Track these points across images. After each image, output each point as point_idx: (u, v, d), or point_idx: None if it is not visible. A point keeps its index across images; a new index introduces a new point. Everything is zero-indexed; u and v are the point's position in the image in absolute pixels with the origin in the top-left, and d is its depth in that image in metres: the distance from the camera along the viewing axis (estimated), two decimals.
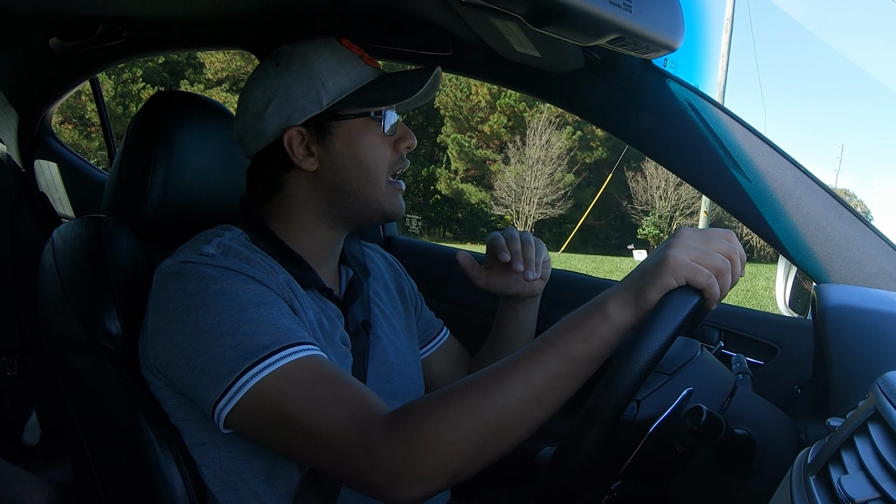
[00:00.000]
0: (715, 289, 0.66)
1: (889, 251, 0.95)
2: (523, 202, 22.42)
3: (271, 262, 0.84)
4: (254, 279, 0.77)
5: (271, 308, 0.75)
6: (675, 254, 0.66)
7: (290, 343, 0.72)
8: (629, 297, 0.68)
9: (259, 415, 0.70)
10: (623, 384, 0.63)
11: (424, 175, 24.04)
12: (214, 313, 0.72)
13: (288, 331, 0.74)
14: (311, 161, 0.88)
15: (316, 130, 0.88)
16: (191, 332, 0.73)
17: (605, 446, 0.71)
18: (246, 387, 0.69)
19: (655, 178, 22.53)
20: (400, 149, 0.92)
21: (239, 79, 20.19)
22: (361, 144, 0.88)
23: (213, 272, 0.76)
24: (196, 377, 0.72)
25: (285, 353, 0.71)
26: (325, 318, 0.87)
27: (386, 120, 0.89)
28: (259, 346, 0.71)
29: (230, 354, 0.70)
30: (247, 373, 0.70)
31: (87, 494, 0.89)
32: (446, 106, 23.47)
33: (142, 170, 0.96)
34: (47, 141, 2.04)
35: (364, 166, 0.88)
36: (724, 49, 15.91)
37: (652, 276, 0.66)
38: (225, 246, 0.81)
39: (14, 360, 1.66)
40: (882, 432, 0.49)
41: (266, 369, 0.70)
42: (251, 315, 0.73)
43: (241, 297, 0.74)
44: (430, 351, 1.13)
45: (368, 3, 1.11)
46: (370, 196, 0.90)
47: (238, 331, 0.71)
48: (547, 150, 22.33)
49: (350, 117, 0.88)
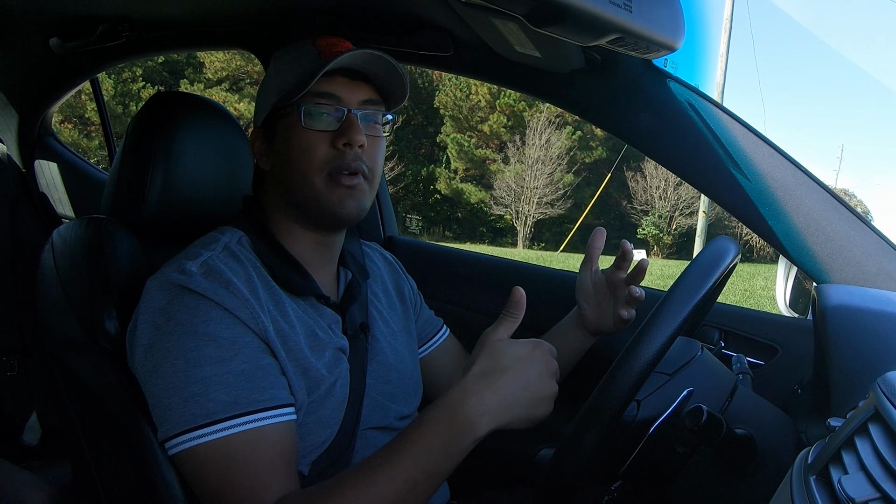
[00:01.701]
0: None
1: (889, 251, 0.95)
2: (523, 202, 22.41)
3: (261, 273, 0.84)
4: (227, 312, 0.77)
5: (229, 364, 0.75)
6: (547, 387, 0.75)
7: (230, 415, 0.74)
8: (504, 422, 0.71)
9: (186, 470, 0.76)
10: (623, 384, 0.63)
11: (424, 175, 24.03)
12: (171, 362, 0.75)
13: (236, 395, 0.75)
14: (265, 160, 0.91)
15: (267, 130, 0.90)
16: (150, 370, 0.76)
17: (605, 446, 0.71)
18: (180, 447, 0.74)
19: (655, 178, 22.51)
20: (338, 145, 0.84)
21: (239, 78, 20.18)
22: (289, 141, 0.86)
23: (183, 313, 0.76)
24: (151, 407, 0.77)
25: (222, 426, 0.73)
26: (318, 329, 0.87)
27: (304, 114, 0.84)
28: (202, 412, 0.73)
29: (175, 410, 0.74)
30: (184, 434, 0.73)
31: (87, 494, 0.89)
32: (446, 105, 23.45)
33: (141, 170, 0.96)
34: (47, 141, 2.04)
35: (293, 162, 0.86)
36: (723, 49, 15.90)
37: (536, 411, 0.73)
38: (209, 265, 0.80)
39: (14, 360, 1.66)
40: (882, 432, 0.49)
41: (200, 438, 0.73)
42: (204, 373, 0.74)
43: (199, 349, 0.75)
44: (430, 349, 1.13)
45: (368, 3, 1.11)
46: (306, 194, 0.86)
47: (187, 389, 0.74)
48: (547, 150, 22.32)
49: (284, 115, 0.87)
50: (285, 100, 0.85)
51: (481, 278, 1.48)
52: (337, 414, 0.85)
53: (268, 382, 0.77)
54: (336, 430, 0.85)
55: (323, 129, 0.85)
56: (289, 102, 0.85)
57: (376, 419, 0.92)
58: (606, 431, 0.67)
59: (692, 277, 0.74)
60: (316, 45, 0.87)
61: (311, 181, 0.85)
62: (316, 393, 0.83)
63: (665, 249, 22.76)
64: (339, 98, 0.86)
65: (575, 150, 23.02)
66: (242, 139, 1.06)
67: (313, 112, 0.85)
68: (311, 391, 0.82)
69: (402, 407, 0.96)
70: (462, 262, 1.55)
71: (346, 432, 0.86)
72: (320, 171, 0.85)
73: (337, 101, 0.86)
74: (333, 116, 0.85)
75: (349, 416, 0.87)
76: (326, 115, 0.85)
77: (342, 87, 0.86)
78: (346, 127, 0.85)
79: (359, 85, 0.88)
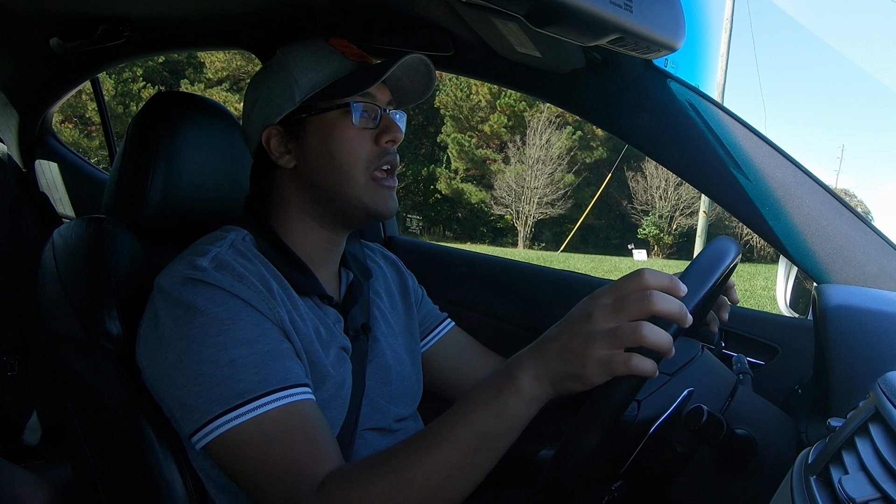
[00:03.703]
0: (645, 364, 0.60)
1: (889, 251, 0.95)
2: (523, 202, 22.42)
3: (270, 270, 0.84)
4: (244, 302, 0.77)
5: (254, 346, 0.75)
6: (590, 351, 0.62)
7: (262, 392, 0.73)
8: (543, 374, 0.65)
9: (222, 457, 0.74)
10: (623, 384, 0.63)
11: (424, 174, 24.04)
12: (196, 349, 0.74)
13: (266, 374, 0.74)
14: (288, 158, 0.90)
15: (291, 127, 0.89)
16: (173, 362, 0.75)
17: (605, 446, 0.71)
18: (214, 433, 0.72)
19: (655, 178, 22.53)
20: (381, 142, 0.88)
21: (239, 78, 20.19)
22: (333, 138, 0.87)
23: (201, 301, 0.76)
24: (174, 405, 0.75)
25: (256, 405, 0.72)
26: (322, 327, 0.87)
27: (354, 111, 0.87)
28: (233, 393, 0.72)
29: (205, 397, 0.72)
30: (218, 419, 0.72)
31: (87, 494, 0.89)
32: (446, 105, 23.46)
33: (142, 170, 0.96)
34: (48, 141, 2.04)
35: (336, 161, 0.87)
36: (723, 49, 15.91)
37: (571, 368, 0.63)
38: (220, 260, 0.80)
39: (14, 360, 1.66)
40: (883, 432, 0.49)
41: (234, 420, 0.72)
42: (232, 355, 0.73)
43: (224, 334, 0.74)
44: (432, 342, 1.10)
45: (369, 3, 1.11)
46: (348, 192, 0.88)
47: (216, 374, 0.73)
48: (547, 150, 22.33)
49: (321, 111, 0.87)
50: (322, 98, 0.87)
51: (481, 278, 1.48)
52: (340, 414, 0.86)
53: (292, 363, 0.78)
54: (337, 431, 0.85)
55: (368, 127, 0.88)
56: (334, 102, 0.87)
57: (374, 420, 0.92)
58: (607, 431, 0.66)
59: (693, 277, 0.74)
60: (333, 46, 0.90)
61: (355, 179, 0.87)
62: (321, 390, 0.83)
63: (665, 249, 22.78)
64: (375, 98, 0.89)
65: (575, 150, 23.04)
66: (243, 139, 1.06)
67: (360, 110, 0.87)
68: (317, 386, 0.82)
69: (401, 409, 0.96)
70: (462, 262, 1.55)
71: (345, 433, 0.87)
72: (366, 168, 0.88)
73: (374, 100, 0.89)
74: (372, 115, 0.89)
75: (349, 416, 0.87)
76: (367, 115, 0.88)
77: (375, 88, 0.89)
78: (387, 124, 0.89)
79: (384, 87, 0.92)
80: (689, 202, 22.39)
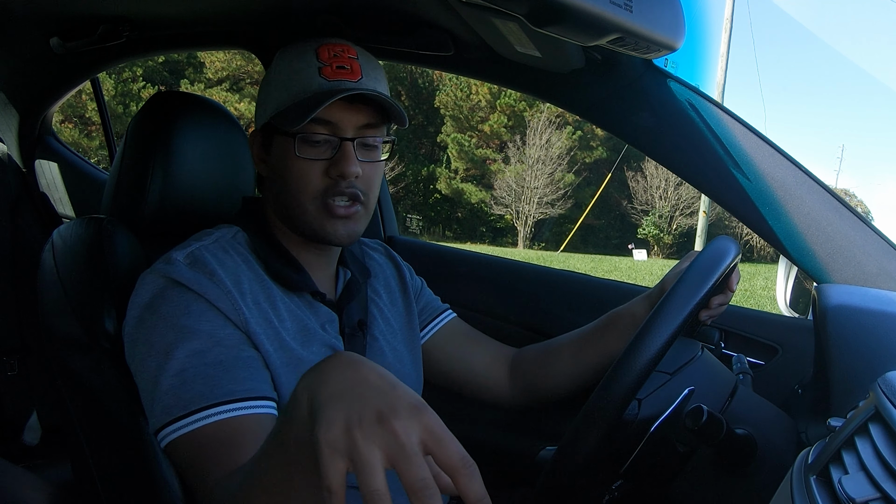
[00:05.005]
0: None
1: (889, 251, 0.95)
2: (523, 202, 22.41)
3: (252, 267, 0.85)
4: (209, 303, 0.78)
5: (206, 356, 0.76)
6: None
7: (202, 406, 0.74)
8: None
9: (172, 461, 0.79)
10: (624, 383, 0.63)
11: (424, 174, 24.03)
12: (153, 356, 0.76)
13: (210, 388, 0.75)
14: (263, 166, 0.91)
15: (265, 138, 0.89)
16: (136, 364, 0.79)
17: (605, 446, 0.71)
18: (164, 440, 0.75)
19: (655, 178, 22.51)
20: (332, 175, 0.83)
21: (239, 78, 20.19)
22: (283, 163, 0.85)
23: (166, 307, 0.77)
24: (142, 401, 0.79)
25: (195, 418, 0.74)
26: (310, 325, 0.87)
27: (297, 142, 0.82)
28: (178, 404, 0.74)
29: (157, 405, 0.76)
30: (166, 428, 0.75)
31: (87, 494, 0.89)
32: (446, 105, 23.45)
33: (142, 170, 0.96)
34: (48, 141, 2.04)
35: (288, 186, 0.85)
36: (723, 49, 15.90)
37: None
38: (195, 256, 0.81)
39: (14, 360, 1.66)
40: (883, 432, 0.49)
41: (177, 431, 0.74)
42: (182, 365, 0.75)
43: (177, 343, 0.76)
44: (431, 333, 1.10)
45: (369, 2, 1.11)
46: (299, 216, 0.86)
47: (165, 383, 0.75)
48: (547, 150, 22.32)
49: (282, 133, 0.84)
50: (280, 120, 0.84)
51: (481, 278, 1.48)
52: None
53: (247, 374, 0.77)
54: None
55: (317, 158, 0.83)
56: (283, 130, 0.83)
57: None
58: (607, 430, 0.67)
59: (693, 277, 0.74)
60: (318, 57, 0.84)
61: (305, 206, 0.85)
62: None
63: (665, 249, 22.77)
64: (336, 125, 0.83)
65: (575, 149, 23.03)
66: (243, 139, 1.06)
67: (309, 140, 0.83)
68: None
69: None
70: (462, 261, 1.55)
71: None
72: (314, 199, 0.84)
73: (333, 128, 0.83)
74: (329, 145, 0.83)
75: None
76: (320, 145, 0.83)
77: (340, 112, 0.83)
78: (340, 157, 0.83)
79: (358, 109, 0.84)
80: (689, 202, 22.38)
